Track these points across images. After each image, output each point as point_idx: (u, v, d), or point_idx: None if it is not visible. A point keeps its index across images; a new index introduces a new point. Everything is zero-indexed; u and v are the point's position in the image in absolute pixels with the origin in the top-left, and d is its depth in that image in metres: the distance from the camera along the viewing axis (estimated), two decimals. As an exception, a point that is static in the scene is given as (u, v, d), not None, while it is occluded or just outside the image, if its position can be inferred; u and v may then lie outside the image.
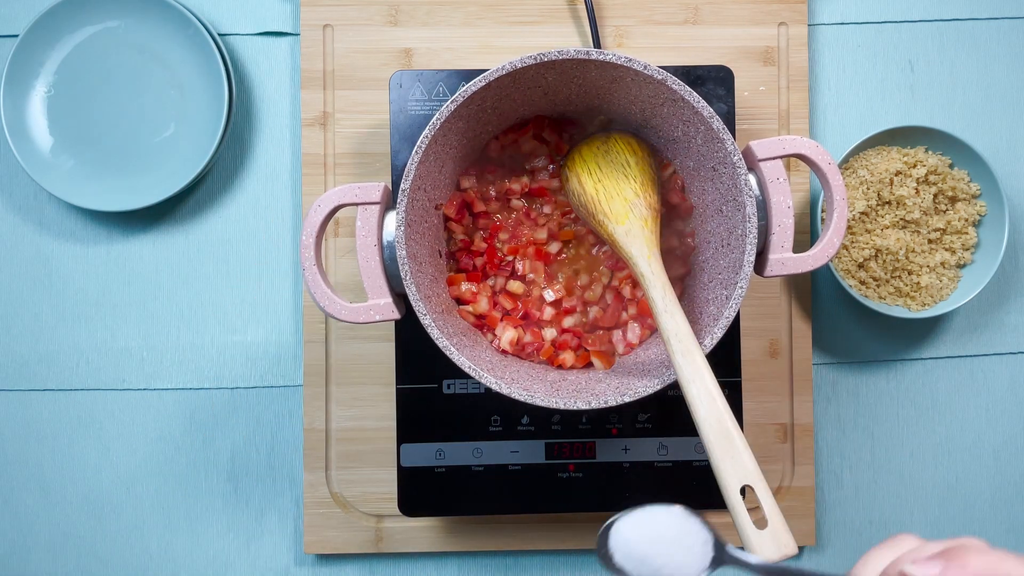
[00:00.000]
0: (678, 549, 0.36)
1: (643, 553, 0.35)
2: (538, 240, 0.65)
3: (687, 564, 0.35)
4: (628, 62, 0.56)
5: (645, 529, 0.36)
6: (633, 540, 0.36)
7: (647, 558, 0.35)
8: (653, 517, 0.36)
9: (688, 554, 0.35)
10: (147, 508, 0.75)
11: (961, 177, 0.72)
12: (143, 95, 0.74)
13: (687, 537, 0.36)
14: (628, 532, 0.36)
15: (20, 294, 0.75)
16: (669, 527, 0.36)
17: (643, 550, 0.36)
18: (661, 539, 0.36)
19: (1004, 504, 0.76)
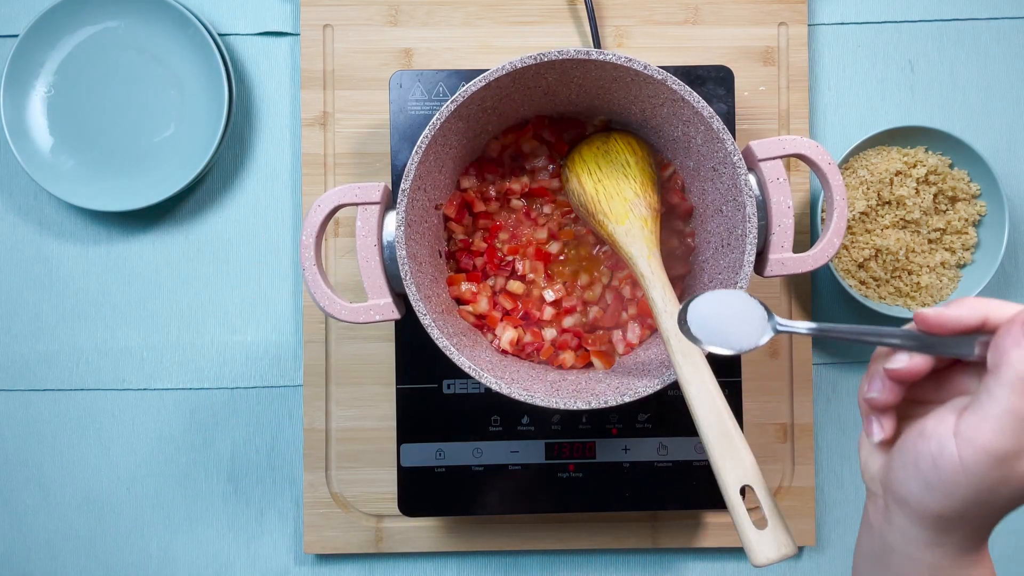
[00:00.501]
0: (741, 322, 0.44)
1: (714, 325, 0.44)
2: (538, 240, 0.65)
3: (749, 333, 0.44)
4: (628, 62, 0.56)
5: (715, 306, 0.44)
6: (706, 315, 0.44)
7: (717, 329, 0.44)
8: (721, 297, 0.45)
9: (749, 326, 0.44)
10: (147, 508, 0.75)
11: (961, 177, 0.72)
12: (143, 95, 0.74)
13: (748, 313, 0.44)
14: (702, 309, 0.44)
15: (20, 294, 0.75)
16: (733, 305, 0.44)
17: (714, 323, 0.44)
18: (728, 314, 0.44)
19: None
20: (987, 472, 0.37)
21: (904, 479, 0.40)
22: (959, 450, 0.37)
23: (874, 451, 0.43)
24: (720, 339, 0.44)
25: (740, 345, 0.43)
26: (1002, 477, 0.37)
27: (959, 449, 0.37)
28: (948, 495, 0.38)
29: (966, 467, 0.37)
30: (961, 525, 0.39)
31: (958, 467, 0.37)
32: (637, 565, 0.75)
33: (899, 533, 0.41)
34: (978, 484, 0.37)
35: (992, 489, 0.37)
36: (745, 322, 0.44)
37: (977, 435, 0.37)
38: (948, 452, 0.38)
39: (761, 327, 0.44)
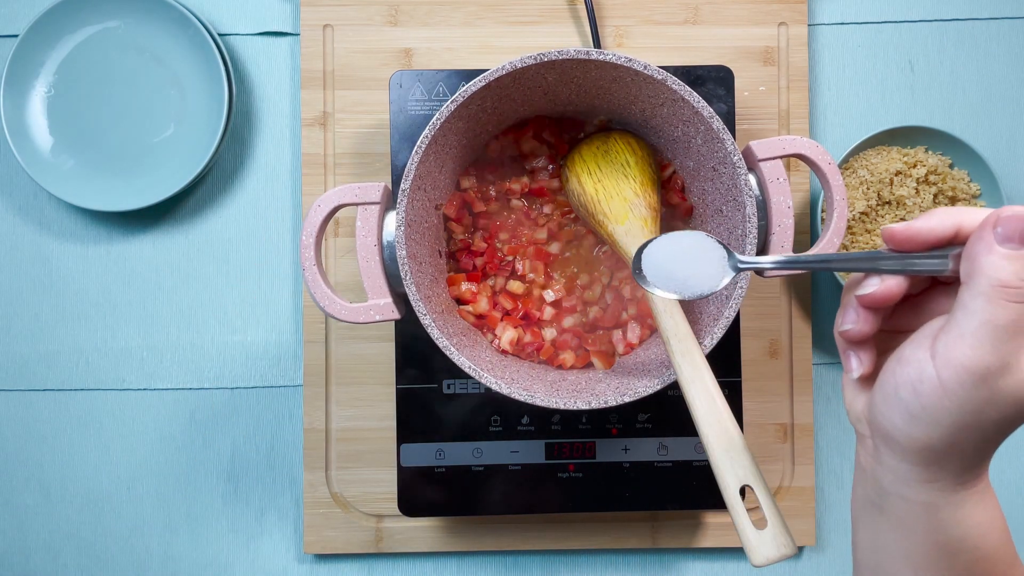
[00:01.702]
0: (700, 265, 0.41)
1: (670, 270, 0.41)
2: (538, 240, 0.65)
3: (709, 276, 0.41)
4: (628, 62, 0.56)
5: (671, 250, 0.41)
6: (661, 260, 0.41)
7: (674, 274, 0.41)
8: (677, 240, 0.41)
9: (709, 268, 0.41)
10: (147, 508, 0.75)
11: (961, 177, 0.72)
12: (143, 95, 0.74)
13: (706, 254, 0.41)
14: (657, 254, 0.41)
15: (20, 294, 0.75)
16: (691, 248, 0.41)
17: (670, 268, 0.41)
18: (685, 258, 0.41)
19: (1004, 504, 0.76)
20: (970, 392, 0.34)
21: (887, 412, 0.37)
22: (938, 372, 0.35)
23: (857, 390, 0.41)
24: (677, 284, 0.41)
25: (699, 289, 0.41)
26: (987, 397, 0.34)
27: (938, 371, 0.35)
28: (933, 423, 0.36)
29: (947, 389, 0.34)
30: (952, 457, 0.37)
31: (939, 390, 0.35)
32: (637, 565, 0.75)
33: (891, 473, 0.39)
34: (962, 407, 0.35)
35: (978, 411, 0.34)
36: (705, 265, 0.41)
37: (955, 353, 0.34)
38: (927, 376, 0.35)
39: (722, 269, 0.41)
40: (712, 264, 0.41)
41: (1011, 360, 0.33)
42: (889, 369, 0.38)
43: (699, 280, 0.41)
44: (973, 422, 0.35)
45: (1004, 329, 0.33)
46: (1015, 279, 0.33)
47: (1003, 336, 0.33)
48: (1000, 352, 0.33)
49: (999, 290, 0.33)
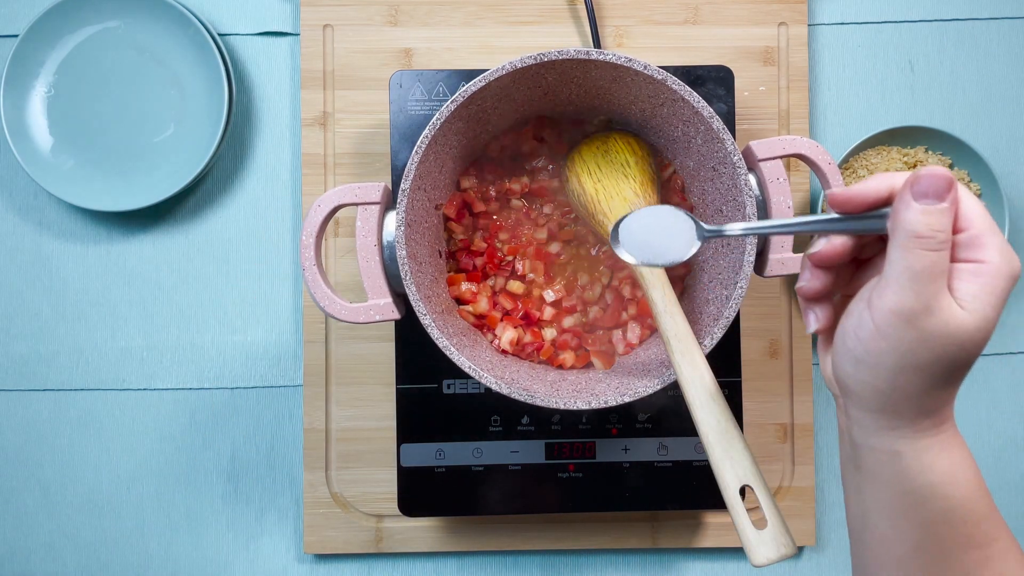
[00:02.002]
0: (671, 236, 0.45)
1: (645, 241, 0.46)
2: (538, 240, 0.65)
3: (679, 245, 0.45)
4: (628, 62, 0.56)
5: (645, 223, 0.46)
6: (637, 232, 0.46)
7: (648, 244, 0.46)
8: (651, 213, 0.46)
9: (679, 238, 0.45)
10: (147, 508, 0.75)
11: (961, 177, 0.72)
12: (143, 95, 0.74)
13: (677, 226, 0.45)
14: (633, 226, 0.46)
15: (20, 294, 0.75)
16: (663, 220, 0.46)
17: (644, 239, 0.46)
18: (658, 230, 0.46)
19: (1004, 504, 0.76)
20: (900, 333, 0.37)
21: (840, 362, 0.41)
22: (872, 318, 0.38)
23: (825, 353, 0.44)
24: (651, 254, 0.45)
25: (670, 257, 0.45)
26: (916, 337, 0.37)
27: (872, 317, 0.38)
28: (876, 366, 0.39)
29: (881, 332, 0.38)
30: (904, 402, 0.39)
31: (875, 334, 0.38)
32: (637, 565, 0.75)
33: (858, 427, 0.42)
34: (896, 347, 0.38)
35: (912, 351, 0.38)
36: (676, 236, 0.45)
37: (883, 299, 0.38)
38: (864, 322, 0.39)
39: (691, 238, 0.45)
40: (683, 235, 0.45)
41: (932, 302, 0.37)
42: (840, 324, 0.42)
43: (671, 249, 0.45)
44: (911, 363, 0.38)
45: (921, 274, 0.36)
46: (927, 230, 0.36)
47: (921, 281, 0.37)
48: (921, 295, 0.37)
49: (915, 240, 0.37)
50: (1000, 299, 0.37)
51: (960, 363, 0.38)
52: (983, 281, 0.37)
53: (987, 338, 0.38)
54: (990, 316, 0.37)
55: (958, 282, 0.38)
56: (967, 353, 0.38)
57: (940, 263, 0.37)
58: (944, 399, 0.40)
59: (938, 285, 0.37)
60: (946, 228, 0.37)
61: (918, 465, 0.40)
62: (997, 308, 0.37)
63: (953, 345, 0.37)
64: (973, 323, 0.37)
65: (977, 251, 0.38)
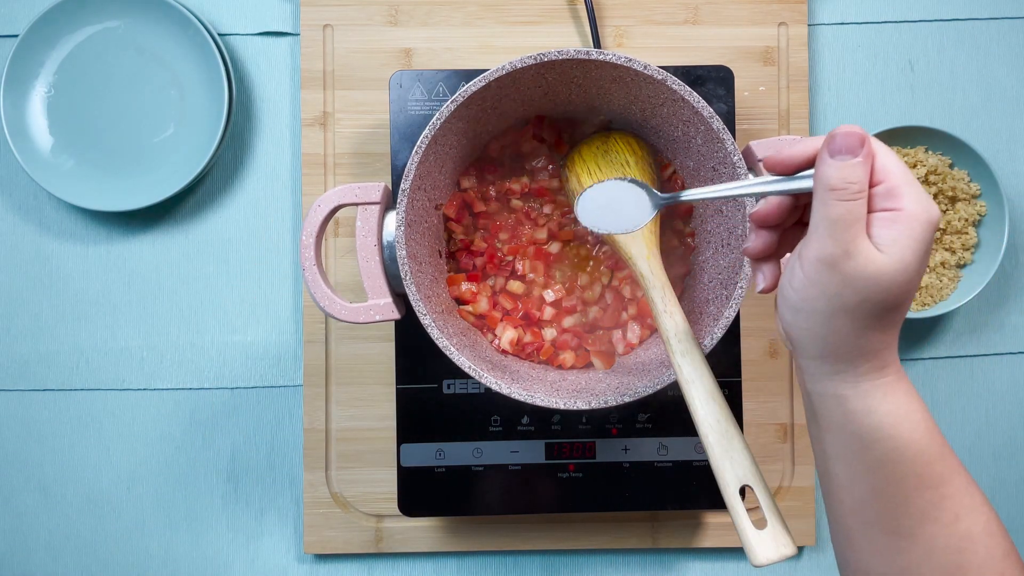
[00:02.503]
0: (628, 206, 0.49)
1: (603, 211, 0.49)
2: (538, 240, 0.65)
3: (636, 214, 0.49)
4: (628, 62, 0.56)
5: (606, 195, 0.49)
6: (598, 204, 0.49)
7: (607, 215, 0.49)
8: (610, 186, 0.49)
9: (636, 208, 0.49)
10: (147, 508, 0.75)
11: (961, 177, 0.72)
12: (143, 95, 0.74)
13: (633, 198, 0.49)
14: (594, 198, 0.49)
15: (20, 294, 0.75)
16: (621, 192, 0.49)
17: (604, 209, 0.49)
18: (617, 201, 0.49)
19: (1004, 504, 0.76)
20: (825, 278, 0.40)
21: (782, 314, 0.44)
22: (802, 267, 0.41)
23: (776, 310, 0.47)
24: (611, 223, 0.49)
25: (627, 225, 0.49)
26: (840, 280, 0.40)
27: (802, 266, 0.42)
28: (811, 312, 0.42)
29: (809, 278, 0.41)
30: (841, 345, 0.42)
31: (805, 282, 0.41)
32: (637, 565, 0.75)
33: (807, 375, 0.45)
34: (824, 292, 0.41)
35: (838, 294, 0.40)
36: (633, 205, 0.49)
37: (808, 249, 0.41)
38: (796, 272, 0.42)
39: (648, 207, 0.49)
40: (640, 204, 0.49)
41: (850, 247, 0.40)
42: (780, 278, 0.45)
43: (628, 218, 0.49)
44: (839, 306, 0.41)
45: (837, 222, 0.40)
46: (841, 182, 0.40)
47: (839, 228, 0.40)
48: (839, 241, 0.40)
49: (830, 193, 0.40)
50: (918, 242, 0.40)
51: (886, 304, 0.41)
52: (900, 227, 0.40)
53: (910, 280, 0.40)
54: (908, 259, 0.40)
55: (877, 229, 0.40)
56: (890, 294, 0.40)
57: (855, 211, 0.40)
58: (881, 342, 0.42)
59: (854, 231, 0.40)
60: (859, 179, 0.40)
61: (863, 407, 0.43)
62: (916, 251, 0.40)
63: (875, 286, 0.40)
64: (891, 265, 0.40)
65: (894, 200, 0.40)
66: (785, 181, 0.44)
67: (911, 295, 0.41)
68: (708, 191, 0.47)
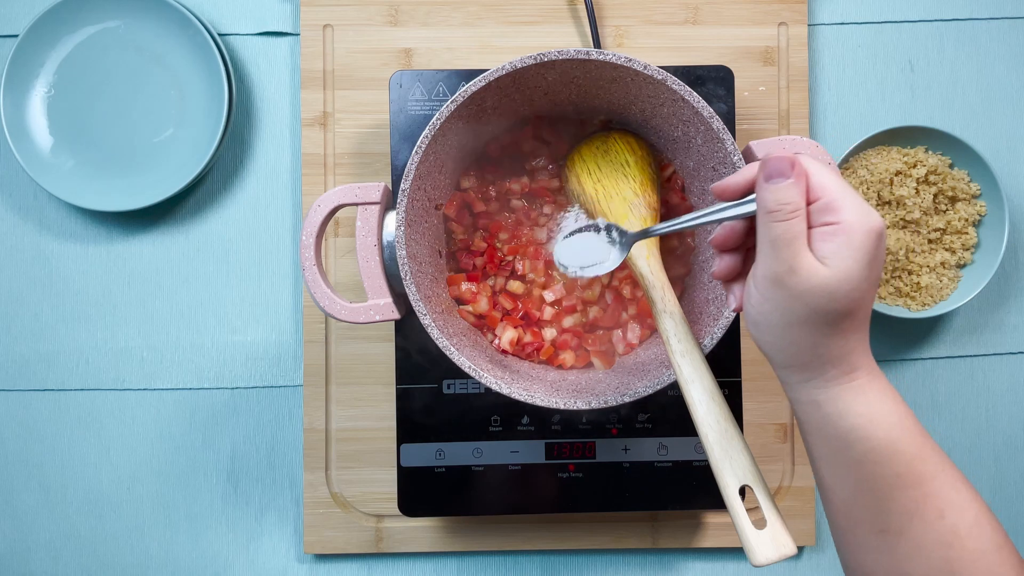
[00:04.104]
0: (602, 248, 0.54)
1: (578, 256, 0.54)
2: (538, 240, 0.65)
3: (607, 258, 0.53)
4: (628, 62, 0.56)
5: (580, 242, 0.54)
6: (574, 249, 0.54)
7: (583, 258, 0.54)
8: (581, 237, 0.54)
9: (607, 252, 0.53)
10: (147, 508, 0.75)
11: (961, 177, 0.72)
12: (143, 95, 0.74)
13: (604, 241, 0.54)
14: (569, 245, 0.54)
15: (20, 294, 0.75)
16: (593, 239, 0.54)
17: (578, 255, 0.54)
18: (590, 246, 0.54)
19: (1004, 504, 0.76)
20: (774, 294, 0.43)
21: (750, 330, 0.46)
22: (755, 286, 0.44)
23: None
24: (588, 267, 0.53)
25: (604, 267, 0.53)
26: (788, 295, 0.42)
27: (754, 285, 0.44)
28: (769, 325, 0.44)
29: (762, 295, 0.44)
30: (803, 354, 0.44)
31: (759, 298, 0.44)
32: (637, 565, 0.75)
33: (784, 384, 0.47)
34: (776, 306, 0.43)
35: (789, 308, 0.43)
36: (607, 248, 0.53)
37: (757, 268, 0.44)
38: (751, 291, 0.45)
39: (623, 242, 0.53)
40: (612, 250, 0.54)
41: (793, 263, 0.42)
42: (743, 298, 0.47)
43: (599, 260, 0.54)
44: (795, 318, 0.43)
45: (777, 242, 0.42)
46: (775, 204, 0.42)
47: (779, 247, 0.42)
48: (782, 259, 0.42)
49: (768, 215, 0.43)
50: (860, 251, 0.41)
51: (837, 312, 0.42)
52: (840, 239, 0.41)
53: (857, 287, 0.42)
54: (851, 268, 0.41)
55: (818, 243, 0.42)
56: (839, 303, 0.42)
57: (791, 229, 0.42)
58: (842, 347, 0.44)
59: (794, 248, 0.42)
60: (793, 200, 0.42)
61: (836, 411, 0.44)
62: (859, 260, 0.41)
63: (821, 297, 0.42)
64: (834, 276, 0.41)
65: (832, 214, 0.42)
66: (734, 207, 0.46)
67: (865, 302, 0.43)
68: (672, 224, 0.50)
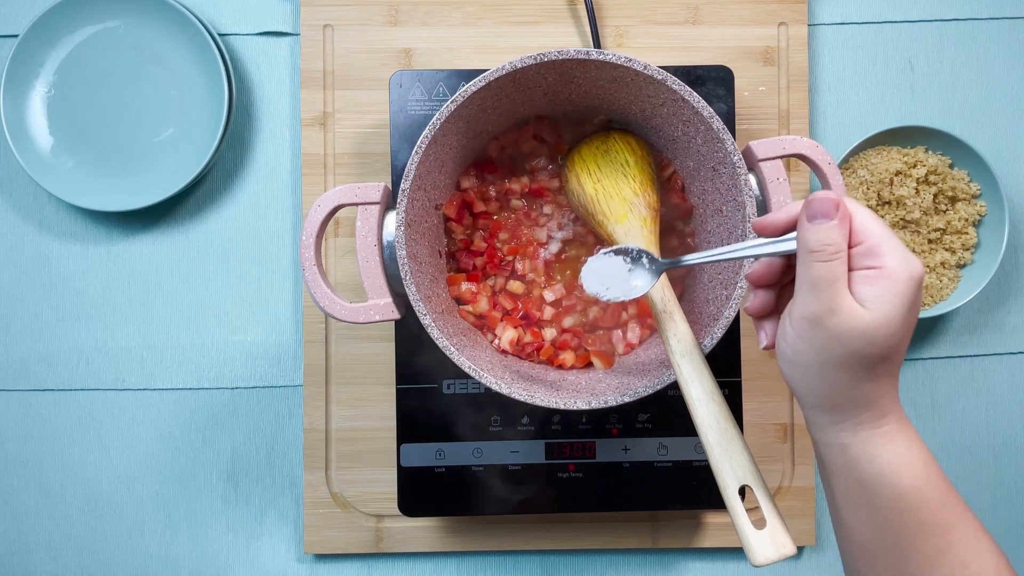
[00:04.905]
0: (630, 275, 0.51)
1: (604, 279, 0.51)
2: (538, 240, 0.65)
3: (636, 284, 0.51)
4: (628, 62, 0.56)
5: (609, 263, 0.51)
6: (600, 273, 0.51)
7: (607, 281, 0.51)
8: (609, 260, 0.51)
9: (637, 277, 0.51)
10: (147, 508, 0.75)
11: (961, 177, 0.72)
12: (143, 95, 0.74)
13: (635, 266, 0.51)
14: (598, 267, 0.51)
15: (20, 294, 0.75)
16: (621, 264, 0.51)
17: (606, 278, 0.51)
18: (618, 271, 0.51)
19: (1004, 504, 0.76)
20: (812, 334, 0.42)
21: (781, 365, 0.46)
22: (791, 324, 0.44)
23: None
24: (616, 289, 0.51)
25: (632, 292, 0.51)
26: (826, 336, 0.42)
27: (791, 323, 0.44)
28: (804, 365, 0.44)
29: (798, 334, 0.43)
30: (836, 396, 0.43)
31: (795, 338, 0.43)
32: (637, 565, 0.75)
33: (811, 424, 0.46)
34: (813, 346, 0.43)
35: (826, 348, 0.42)
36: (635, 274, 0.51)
37: (795, 307, 0.43)
38: (787, 329, 0.44)
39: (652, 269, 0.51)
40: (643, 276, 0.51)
41: (833, 304, 0.41)
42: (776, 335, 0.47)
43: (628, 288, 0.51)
44: (830, 359, 0.42)
45: (818, 282, 0.42)
46: (818, 244, 0.42)
47: (819, 287, 0.42)
48: (821, 300, 0.42)
49: (810, 255, 0.42)
50: (901, 298, 0.41)
51: (875, 356, 0.42)
52: (882, 284, 0.41)
53: (895, 333, 0.41)
54: (891, 313, 0.41)
55: (860, 286, 0.42)
56: (877, 347, 0.42)
57: (834, 271, 0.41)
58: (875, 391, 0.43)
59: (835, 290, 0.41)
60: (836, 241, 0.42)
61: (864, 456, 0.44)
62: (899, 307, 0.41)
63: (860, 340, 0.41)
64: (874, 320, 0.41)
65: (875, 259, 0.42)
66: (773, 243, 0.46)
67: (901, 347, 0.43)
68: (707, 255, 0.49)
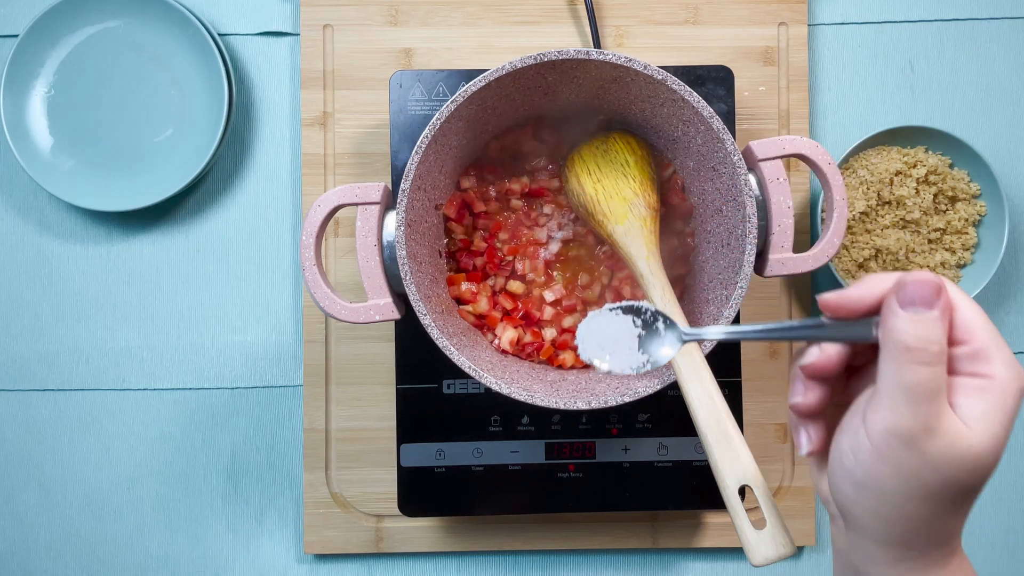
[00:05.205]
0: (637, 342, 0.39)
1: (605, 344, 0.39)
2: (538, 240, 0.65)
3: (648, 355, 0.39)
4: (628, 62, 0.56)
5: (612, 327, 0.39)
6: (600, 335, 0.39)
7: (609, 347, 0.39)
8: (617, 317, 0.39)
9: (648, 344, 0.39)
10: (147, 508, 0.75)
11: (961, 177, 0.72)
12: (143, 95, 0.74)
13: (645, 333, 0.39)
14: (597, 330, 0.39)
15: (20, 294, 0.75)
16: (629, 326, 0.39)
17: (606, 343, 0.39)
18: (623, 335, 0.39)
19: (1004, 504, 0.76)
20: (901, 456, 0.33)
21: (839, 485, 0.36)
22: (869, 436, 0.34)
23: (821, 473, 0.40)
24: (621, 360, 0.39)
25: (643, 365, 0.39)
26: (920, 462, 0.33)
27: (869, 435, 0.34)
28: (879, 491, 0.35)
29: (881, 454, 0.34)
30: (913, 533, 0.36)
31: (874, 456, 0.34)
32: (637, 565, 0.75)
33: (862, 554, 0.38)
34: (899, 471, 0.34)
35: (916, 475, 0.34)
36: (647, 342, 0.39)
37: (877, 417, 0.34)
38: (862, 441, 0.35)
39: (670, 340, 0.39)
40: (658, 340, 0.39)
41: (933, 422, 0.33)
42: (834, 440, 0.37)
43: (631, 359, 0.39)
44: (917, 488, 0.34)
45: (916, 391, 0.33)
46: (917, 341, 0.33)
47: (917, 398, 0.33)
48: (919, 415, 0.33)
49: (905, 353, 0.33)
50: (1011, 417, 0.34)
51: (972, 487, 0.34)
52: (991, 398, 0.33)
53: (999, 459, 0.34)
54: (1000, 436, 0.34)
55: (963, 399, 0.34)
56: (977, 477, 0.34)
57: (936, 378, 0.33)
58: (957, 528, 0.36)
59: (937, 403, 0.33)
60: (938, 339, 0.33)
61: None
62: (1008, 427, 0.34)
63: (962, 469, 0.33)
64: (982, 444, 0.33)
65: (983, 365, 0.34)
66: (842, 327, 0.36)
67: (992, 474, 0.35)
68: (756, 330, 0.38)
